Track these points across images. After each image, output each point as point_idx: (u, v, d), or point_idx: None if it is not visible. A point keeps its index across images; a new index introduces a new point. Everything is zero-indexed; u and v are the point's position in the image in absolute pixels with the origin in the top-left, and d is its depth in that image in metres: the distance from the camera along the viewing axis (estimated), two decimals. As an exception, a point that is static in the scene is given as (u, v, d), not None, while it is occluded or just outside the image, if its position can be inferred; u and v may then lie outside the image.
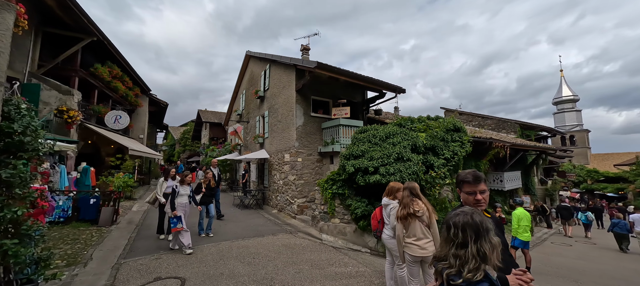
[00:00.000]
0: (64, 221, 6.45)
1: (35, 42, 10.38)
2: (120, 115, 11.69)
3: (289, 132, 8.76)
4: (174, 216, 4.93)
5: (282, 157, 9.14)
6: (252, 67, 13.85)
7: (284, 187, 8.90)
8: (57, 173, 7.81)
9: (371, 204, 6.15)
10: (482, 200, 1.68)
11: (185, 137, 33.77)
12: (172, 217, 4.94)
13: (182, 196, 5.21)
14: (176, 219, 4.92)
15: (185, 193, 5.26)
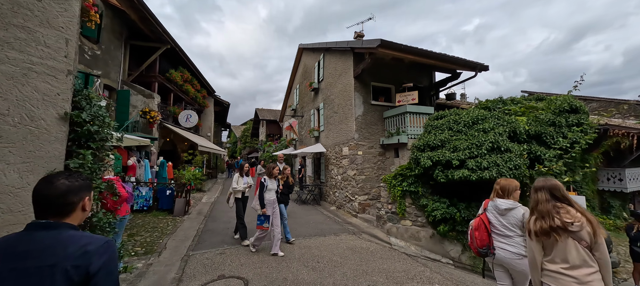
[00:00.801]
0: (146, 209, 7.11)
1: (125, 54, 12.04)
2: (190, 114, 12.80)
3: (347, 123, 8.07)
4: (262, 214, 4.38)
5: (340, 151, 8.52)
6: (305, 60, 13.60)
7: (343, 182, 8.27)
8: (142, 167, 8.78)
9: (453, 205, 5.03)
10: None
11: (245, 134, 36.45)
12: (260, 215, 4.39)
13: (270, 191, 4.58)
14: (264, 217, 4.35)
15: (273, 188, 4.63)
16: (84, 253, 0.88)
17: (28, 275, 0.82)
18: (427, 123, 5.66)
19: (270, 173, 4.64)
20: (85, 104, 2.59)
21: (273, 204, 4.58)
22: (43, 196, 0.94)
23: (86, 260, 0.88)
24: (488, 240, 2.44)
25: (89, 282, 0.87)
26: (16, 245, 0.87)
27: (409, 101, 7.19)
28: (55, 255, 0.86)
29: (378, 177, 7.68)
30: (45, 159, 2.28)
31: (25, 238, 0.88)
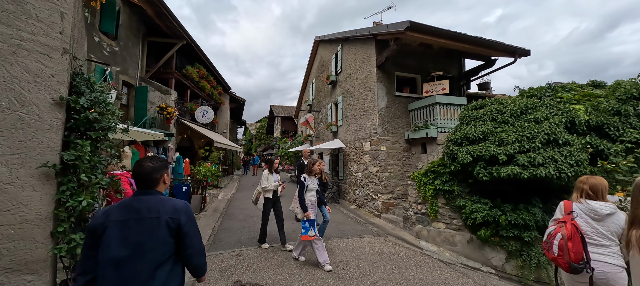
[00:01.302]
0: (162, 206, 6.97)
1: (143, 51, 12.10)
2: (206, 110, 12.72)
3: (368, 116, 7.53)
4: (305, 220, 3.75)
5: (361, 146, 8.00)
6: (321, 53, 13.12)
7: (364, 180, 7.76)
8: (159, 163, 8.71)
9: (497, 207, 4.40)
10: None
11: (260, 131, 36.62)
12: (303, 221, 3.77)
13: (311, 191, 3.99)
14: (309, 223, 3.71)
15: (314, 188, 4.02)
16: (175, 210, 1.33)
17: (144, 222, 1.26)
18: (464, 114, 5.02)
19: (310, 170, 4.04)
20: (85, 89, 2.27)
21: (314, 207, 4.01)
22: (137, 174, 1.37)
23: (177, 214, 1.32)
24: (582, 254, 1.88)
25: (181, 229, 1.31)
26: (132, 204, 1.30)
27: (439, 91, 6.54)
28: (157, 210, 1.29)
29: (403, 175, 7.10)
30: (38, 150, 1.97)
31: (136, 200, 1.32)
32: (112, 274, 1.17)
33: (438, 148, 6.23)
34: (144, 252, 1.23)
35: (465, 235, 4.76)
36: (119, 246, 1.20)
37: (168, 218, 1.29)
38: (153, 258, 1.24)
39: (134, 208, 1.28)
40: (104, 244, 1.20)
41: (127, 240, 1.22)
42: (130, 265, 1.20)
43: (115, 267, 1.18)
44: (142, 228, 1.25)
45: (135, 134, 5.22)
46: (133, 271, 1.20)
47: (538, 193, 4.39)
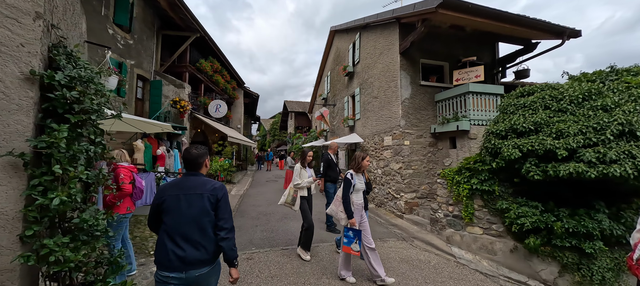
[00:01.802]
0: (174, 201, 6.75)
1: (157, 44, 12.03)
2: (220, 104, 12.53)
3: (390, 108, 6.92)
4: (350, 228, 3.04)
5: (381, 141, 7.41)
6: (337, 44, 12.53)
7: (384, 177, 7.19)
8: (172, 157, 8.52)
9: (550, 211, 3.73)
10: None
11: (274, 127, 36.57)
12: (345, 228, 3.07)
13: (358, 192, 3.26)
14: (353, 233, 2.99)
15: (362, 188, 3.29)
16: (213, 189, 1.72)
17: (191, 197, 1.67)
18: (507, 102, 4.32)
19: (359, 165, 3.25)
20: (65, 63, 1.90)
21: (361, 211, 3.25)
22: (186, 159, 1.82)
23: (215, 192, 1.71)
24: None
25: (218, 204, 1.71)
26: (183, 182, 1.74)
27: (472, 79, 5.83)
28: (201, 188, 1.70)
29: (428, 172, 6.47)
30: (3, 135, 1.62)
31: (185, 180, 1.76)
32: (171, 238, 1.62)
33: (470, 142, 5.56)
34: (193, 220, 1.65)
35: (508, 242, 4.12)
36: (176, 214, 1.64)
37: (209, 194, 1.70)
38: (198, 223, 1.65)
39: (184, 186, 1.71)
40: (164, 211, 1.67)
41: (180, 210, 1.65)
42: (184, 232, 1.63)
43: (173, 233, 1.62)
44: (191, 203, 1.66)
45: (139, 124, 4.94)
46: (185, 238, 1.62)
47: (601, 195, 3.67)
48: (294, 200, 3.91)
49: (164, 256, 1.59)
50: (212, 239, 1.68)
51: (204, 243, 1.64)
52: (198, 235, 1.64)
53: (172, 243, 1.60)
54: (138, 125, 5.03)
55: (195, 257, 1.61)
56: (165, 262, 1.59)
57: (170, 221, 1.64)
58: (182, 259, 1.58)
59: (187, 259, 1.58)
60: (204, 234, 1.65)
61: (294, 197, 3.93)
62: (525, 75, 6.60)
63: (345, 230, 3.06)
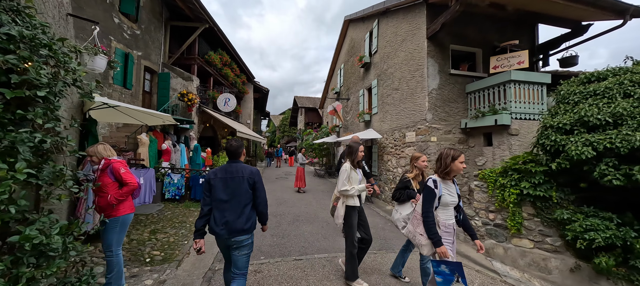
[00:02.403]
0: (178, 199, 6.30)
1: (165, 36, 11.66)
2: (229, 97, 12.09)
3: (414, 100, 6.22)
4: (440, 260, 2.07)
5: (402, 137, 6.72)
6: (351, 34, 11.82)
7: (406, 177, 6.50)
8: (178, 152, 8.11)
9: (629, 225, 2.98)
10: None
11: (283, 123, 36.19)
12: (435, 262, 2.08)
13: (446, 208, 2.23)
14: (450, 269, 2.01)
15: (453, 202, 2.23)
16: (251, 173, 2.14)
17: (235, 179, 2.08)
18: (567, 90, 3.56)
19: (446, 168, 2.20)
20: (5, 19, 1.37)
21: (452, 234, 2.25)
22: (228, 150, 2.20)
23: (252, 175, 2.13)
24: None
25: (255, 185, 2.14)
26: (228, 168, 2.13)
27: (513, 65, 5.06)
28: (242, 172, 2.12)
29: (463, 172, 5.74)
30: None
31: (229, 165, 2.15)
32: (219, 207, 2.10)
33: (511, 139, 4.81)
34: (235, 196, 2.11)
35: (567, 260, 3.40)
36: (222, 192, 2.10)
37: (248, 177, 2.15)
38: (241, 200, 2.12)
39: (229, 170, 2.15)
40: (213, 190, 2.11)
41: (226, 189, 2.11)
42: (228, 203, 2.10)
43: (221, 204, 2.10)
44: (234, 183, 2.12)
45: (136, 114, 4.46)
46: (230, 207, 2.10)
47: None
48: (335, 210, 3.05)
49: (214, 227, 2.09)
50: (250, 213, 2.16)
51: (244, 215, 2.11)
52: (238, 208, 2.10)
53: (220, 215, 2.09)
54: (135, 116, 4.56)
55: (237, 226, 2.08)
56: (214, 227, 2.09)
57: (217, 196, 2.10)
58: (227, 225, 2.07)
59: (230, 226, 2.07)
60: (244, 208, 2.12)
61: (334, 206, 3.11)
62: (572, 62, 5.73)
63: (434, 264, 2.06)
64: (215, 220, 2.07)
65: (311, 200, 7.72)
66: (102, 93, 7.96)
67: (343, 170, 2.96)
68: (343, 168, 2.97)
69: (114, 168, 2.42)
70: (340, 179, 2.93)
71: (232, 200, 2.08)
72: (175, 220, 5.13)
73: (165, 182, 6.21)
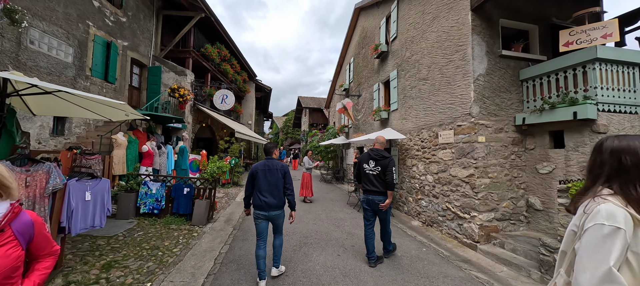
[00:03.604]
0: (157, 213, 5.09)
1: (157, 26, 10.52)
2: (226, 94, 10.92)
3: (451, 91, 4.96)
4: None
5: (432, 137, 5.45)
6: (362, 24, 10.60)
7: (439, 186, 5.22)
8: (164, 155, 6.92)
9: None
10: None
11: (286, 125, 35.01)
12: None
13: None
14: None
15: None
16: (282, 166, 3.02)
17: (272, 171, 2.96)
18: None
19: None
20: None
21: None
22: (265, 150, 3.13)
23: (283, 168, 3.02)
24: None
25: (285, 176, 3.01)
26: (266, 163, 3.01)
27: (597, 40, 3.76)
28: (276, 166, 3.00)
29: (511, 182, 4.45)
30: None
31: (268, 161, 3.04)
32: (260, 192, 2.90)
33: (596, 138, 3.51)
34: (273, 184, 2.92)
35: None
36: (264, 181, 2.91)
37: (280, 169, 2.99)
38: (278, 187, 2.94)
39: (267, 164, 2.99)
40: (257, 179, 2.93)
41: (266, 179, 2.92)
42: (268, 190, 2.90)
43: (262, 190, 2.90)
44: (272, 174, 2.94)
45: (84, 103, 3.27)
46: (269, 191, 2.90)
47: None
48: None
49: (258, 203, 2.93)
50: (282, 194, 3.00)
51: (278, 196, 2.96)
52: (276, 191, 2.95)
53: (262, 195, 2.91)
54: (82, 104, 3.36)
55: (274, 203, 2.91)
56: (258, 205, 2.92)
57: (260, 183, 2.93)
58: (267, 203, 2.89)
59: (269, 203, 2.90)
60: (278, 191, 2.96)
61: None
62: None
63: None
64: (259, 199, 2.90)
65: (320, 212, 6.47)
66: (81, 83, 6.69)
67: (603, 237, 0.94)
68: (603, 233, 0.95)
69: (34, 227, 1.17)
70: (595, 256, 0.95)
71: (270, 186, 2.92)
72: (146, 244, 3.91)
73: (141, 192, 5.00)
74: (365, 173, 3.68)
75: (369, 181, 3.59)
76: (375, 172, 3.57)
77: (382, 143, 3.91)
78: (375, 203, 3.56)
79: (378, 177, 3.54)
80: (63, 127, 6.69)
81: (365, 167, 3.69)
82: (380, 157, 3.61)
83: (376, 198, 3.55)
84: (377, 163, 3.59)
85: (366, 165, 3.68)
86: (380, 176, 3.53)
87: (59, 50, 6.51)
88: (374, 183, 3.55)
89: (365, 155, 3.78)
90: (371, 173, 3.60)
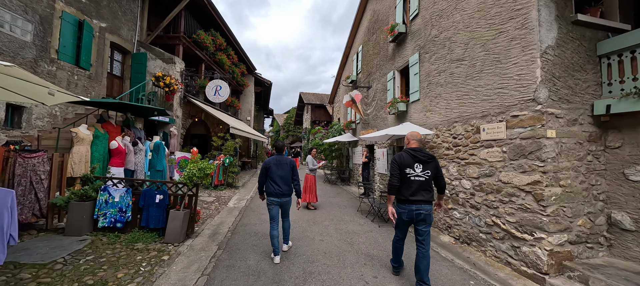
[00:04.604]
0: (121, 228, 3.99)
1: (143, 8, 9.37)
2: (219, 85, 9.79)
3: (502, 71, 3.81)
4: None
5: (474, 130, 4.31)
6: (373, 6, 9.43)
7: (481, 194, 4.08)
8: (141, 152, 5.81)
9: None
10: None
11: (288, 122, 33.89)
12: None
13: None
14: None
15: None
16: (291, 161, 3.64)
17: (282, 165, 3.56)
18: None
19: None
20: None
21: None
22: (276, 147, 3.79)
23: (291, 162, 3.64)
24: None
25: (293, 170, 3.63)
26: (278, 158, 3.61)
27: None
28: (286, 161, 3.61)
29: (588, 192, 3.31)
30: None
31: (278, 156, 3.63)
32: (273, 182, 3.47)
33: None
34: (284, 175, 3.50)
35: None
36: (275, 173, 3.48)
37: (289, 163, 3.58)
38: (288, 178, 3.53)
39: (278, 159, 3.56)
40: (269, 172, 3.51)
41: (277, 171, 3.48)
42: (280, 180, 3.47)
43: (274, 180, 3.47)
44: (282, 168, 3.51)
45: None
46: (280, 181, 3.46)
47: None
48: None
49: (271, 191, 3.47)
50: (290, 184, 3.56)
51: (287, 185, 3.52)
52: (286, 181, 3.52)
53: (275, 184, 3.46)
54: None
55: (284, 191, 3.48)
56: (272, 192, 3.46)
57: (273, 175, 3.48)
58: (279, 191, 3.45)
59: (281, 191, 3.46)
60: (287, 181, 3.53)
61: None
62: None
63: None
64: (273, 187, 3.47)
65: (327, 223, 5.36)
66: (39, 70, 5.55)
67: None
68: None
69: None
70: None
71: (281, 177, 3.50)
72: (90, 278, 2.80)
73: (99, 200, 3.90)
74: (409, 180, 2.84)
75: (415, 189, 2.82)
76: (423, 177, 2.83)
77: (420, 140, 2.91)
78: (420, 215, 2.81)
79: (427, 184, 2.85)
80: (20, 118, 5.61)
81: (410, 173, 2.83)
82: (428, 157, 2.83)
83: (424, 208, 2.82)
84: (425, 167, 2.79)
85: (411, 170, 2.83)
86: (429, 182, 2.86)
87: (13, 25, 5.41)
88: (421, 191, 2.83)
89: (407, 157, 2.87)
90: (418, 179, 2.83)
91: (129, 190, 4.04)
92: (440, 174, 2.94)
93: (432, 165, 2.85)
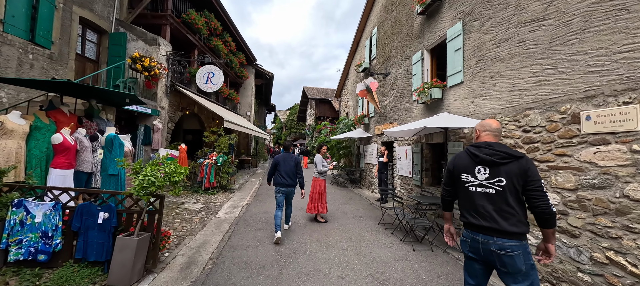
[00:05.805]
0: (47, 261, 2.69)
1: (124, -19, 8.14)
2: (212, 71, 8.46)
3: (623, 25, 2.41)
4: None
5: (568, 120, 2.93)
6: (393, -21, 8.01)
7: (579, 215, 2.71)
8: (99, 149, 4.48)
9: None
10: None
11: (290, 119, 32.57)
12: None
13: None
14: None
15: None
16: (296, 158, 4.43)
17: (287, 161, 4.28)
18: None
19: None
20: None
21: None
22: (283, 146, 4.74)
23: (296, 159, 4.44)
24: None
25: (298, 165, 4.37)
26: (284, 156, 4.35)
27: None
28: (291, 157, 4.35)
29: None
30: None
31: (284, 155, 4.38)
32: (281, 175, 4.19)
33: None
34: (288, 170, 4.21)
35: None
36: (283, 168, 4.22)
37: (294, 160, 4.31)
38: (292, 173, 4.24)
39: (285, 156, 4.32)
40: (278, 167, 4.24)
41: (284, 167, 4.22)
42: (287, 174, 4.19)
43: (281, 174, 4.19)
44: (288, 163, 4.25)
45: None
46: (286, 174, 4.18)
47: None
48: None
49: (279, 181, 4.13)
50: (295, 177, 4.22)
51: (292, 178, 4.18)
52: (291, 175, 4.16)
53: (282, 177, 4.12)
54: None
55: (289, 182, 4.14)
56: (280, 183, 4.13)
57: (281, 169, 4.17)
58: (285, 182, 4.12)
59: (287, 183, 4.12)
60: (293, 175, 4.17)
61: None
62: None
63: None
64: (281, 178, 4.14)
65: (344, 244, 4.02)
66: None
67: None
68: None
69: None
70: None
71: (288, 171, 4.16)
72: None
73: (9, 221, 2.60)
74: (467, 191, 1.72)
75: (479, 207, 1.64)
76: (492, 188, 1.62)
77: (496, 131, 1.74)
78: (491, 254, 1.57)
79: (503, 200, 1.58)
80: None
81: (468, 180, 1.71)
82: (502, 156, 1.61)
83: (497, 243, 1.56)
84: (495, 171, 1.62)
85: (469, 175, 1.71)
86: (507, 197, 1.58)
87: None
88: (491, 212, 1.60)
89: (464, 157, 1.77)
90: (483, 191, 1.65)
91: (59, 206, 2.74)
92: (535, 187, 1.54)
93: (510, 168, 1.58)
